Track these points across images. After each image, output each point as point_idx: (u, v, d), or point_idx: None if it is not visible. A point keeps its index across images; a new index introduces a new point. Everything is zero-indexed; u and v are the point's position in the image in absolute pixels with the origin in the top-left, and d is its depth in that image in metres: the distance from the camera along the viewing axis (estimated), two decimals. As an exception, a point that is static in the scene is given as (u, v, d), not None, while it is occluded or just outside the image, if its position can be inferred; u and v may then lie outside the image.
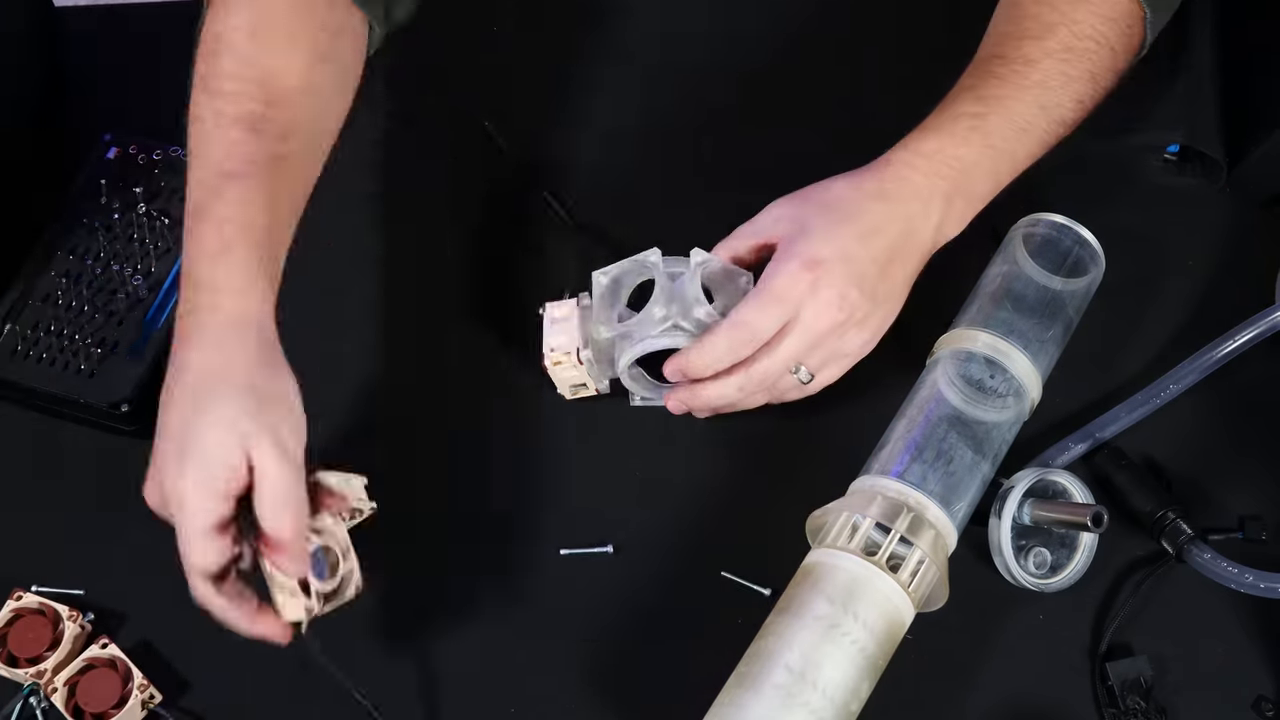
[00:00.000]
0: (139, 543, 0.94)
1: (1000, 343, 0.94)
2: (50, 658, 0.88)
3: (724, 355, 0.90)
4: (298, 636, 0.83)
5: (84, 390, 0.96)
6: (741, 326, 0.89)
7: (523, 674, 0.91)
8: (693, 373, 0.91)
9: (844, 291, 0.89)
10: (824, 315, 0.89)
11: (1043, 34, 0.95)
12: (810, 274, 0.89)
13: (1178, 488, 0.96)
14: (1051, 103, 0.95)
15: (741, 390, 0.91)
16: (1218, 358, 0.96)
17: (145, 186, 1.02)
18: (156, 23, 1.17)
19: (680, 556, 0.95)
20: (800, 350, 0.90)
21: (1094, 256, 0.99)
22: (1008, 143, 0.93)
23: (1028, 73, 0.95)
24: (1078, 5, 0.96)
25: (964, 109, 0.94)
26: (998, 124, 0.93)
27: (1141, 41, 0.99)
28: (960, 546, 0.90)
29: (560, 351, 0.94)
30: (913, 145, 0.93)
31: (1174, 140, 1.07)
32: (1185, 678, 0.91)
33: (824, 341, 0.91)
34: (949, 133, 0.93)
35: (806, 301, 0.89)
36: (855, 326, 0.91)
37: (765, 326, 0.89)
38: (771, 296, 0.89)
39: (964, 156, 0.93)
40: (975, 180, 0.93)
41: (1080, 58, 0.95)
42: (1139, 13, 0.98)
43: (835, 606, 0.84)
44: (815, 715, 0.81)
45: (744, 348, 0.90)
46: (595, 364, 0.95)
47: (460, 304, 1.03)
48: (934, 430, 0.91)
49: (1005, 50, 0.96)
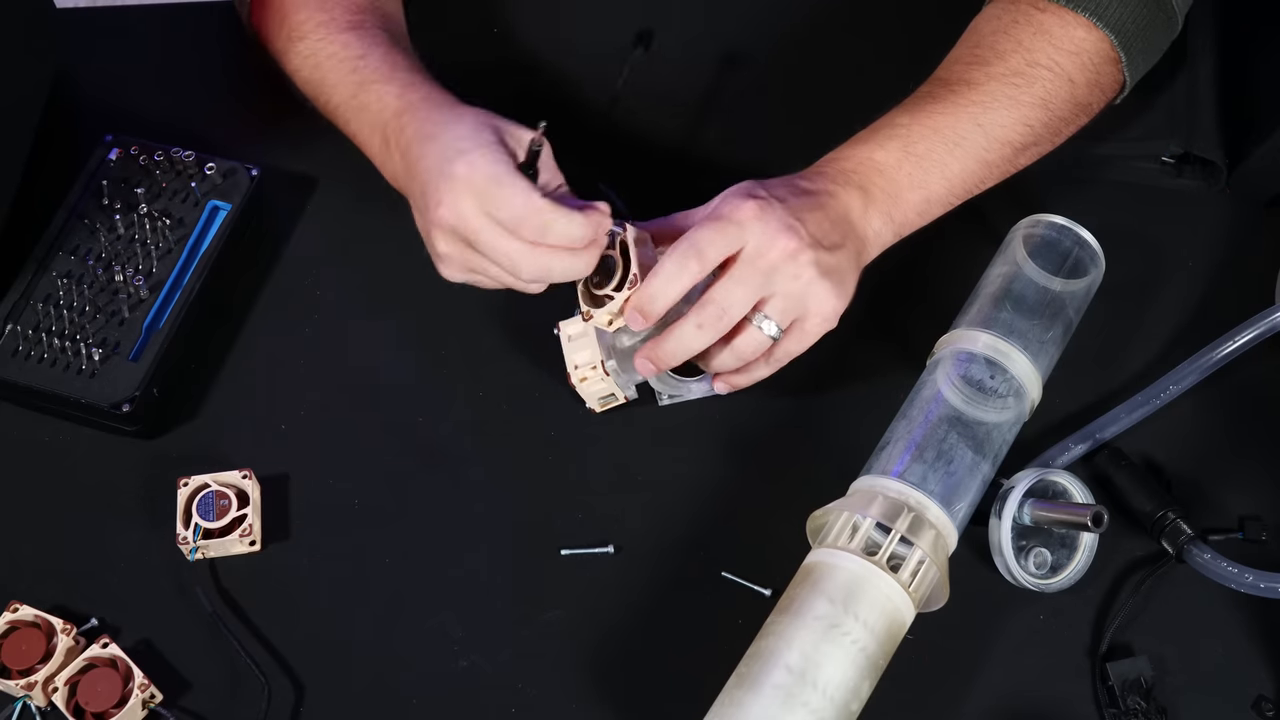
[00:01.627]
0: (140, 542, 0.95)
1: (1001, 343, 0.94)
2: (42, 670, 0.88)
3: (674, 276, 0.88)
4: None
5: (84, 390, 0.96)
6: (687, 245, 0.88)
7: (523, 674, 0.91)
8: (646, 304, 0.89)
9: (791, 221, 0.89)
10: (776, 241, 0.88)
11: (991, 59, 0.96)
12: (755, 201, 0.89)
13: (1178, 488, 0.96)
14: (991, 122, 0.95)
15: (700, 329, 0.89)
16: (1218, 358, 0.96)
17: (146, 187, 1.02)
18: (156, 23, 1.17)
19: (680, 556, 0.95)
20: (758, 286, 0.89)
21: (1094, 257, 0.99)
22: (934, 152, 0.94)
23: (966, 92, 0.95)
24: (1036, 37, 0.97)
25: (891, 121, 0.95)
26: (921, 133, 0.94)
27: (1120, 84, 1.00)
28: (960, 546, 0.90)
29: (586, 367, 0.95)
30: (834, 153, 0.95)
31: (1174, 144, 1.07)
32: (1185, 678, 0.91)
33: (778, 274, 0.89)
34: (867, 140, 0.95)
35: (753, 225, 0.88)
36: (815, 273, 0.89)
37: (710, 244, 0.88)
38: (714, 216, 0.89)
39: (879, 159, 0.94)
40: (898, 183, 0.93)
41: (1030, 83, 0.96)
42: (1110, 54, 0.98)
43: (836, 606, 0.84)
44: (815, 715, 0.81)
45: (693, 263, 0.88)
46: (620, 372, 0.95)
47: (460, 306, 1.03)
48: (934, 430, 0.91)
49: (950, 75, 0.97)
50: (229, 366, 1.01)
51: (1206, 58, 1.10)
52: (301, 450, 0.98)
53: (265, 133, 1.09)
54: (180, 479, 0.94)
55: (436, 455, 0.98)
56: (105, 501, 0.96)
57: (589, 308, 0.92)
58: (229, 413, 0.99)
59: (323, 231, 1.06)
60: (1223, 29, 1.11)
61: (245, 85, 1.13)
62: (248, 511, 0.93)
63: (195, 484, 0.93)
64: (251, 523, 0.93)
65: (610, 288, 0.90)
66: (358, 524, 0.96)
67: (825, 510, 0.89)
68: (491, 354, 1.02)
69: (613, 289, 0.90)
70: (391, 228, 1.04)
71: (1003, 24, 0.98)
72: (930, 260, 1.03)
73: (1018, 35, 0.97)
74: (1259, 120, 1.06)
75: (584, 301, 0.92)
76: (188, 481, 0.93)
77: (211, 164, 1.04)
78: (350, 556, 0.95)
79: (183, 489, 0.93)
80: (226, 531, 0.92)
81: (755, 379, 0.95)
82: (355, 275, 1.05)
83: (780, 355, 0.93)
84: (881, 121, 0.96)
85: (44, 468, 0.98)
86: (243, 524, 0.93)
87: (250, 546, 0.93)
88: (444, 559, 0.95)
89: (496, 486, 0.97)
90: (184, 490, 0.93)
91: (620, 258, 0.90)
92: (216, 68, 1.15)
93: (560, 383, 1.00)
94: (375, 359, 1.02)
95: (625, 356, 0.95)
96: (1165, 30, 1.01)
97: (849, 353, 0.98)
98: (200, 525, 0.92)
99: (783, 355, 0.93)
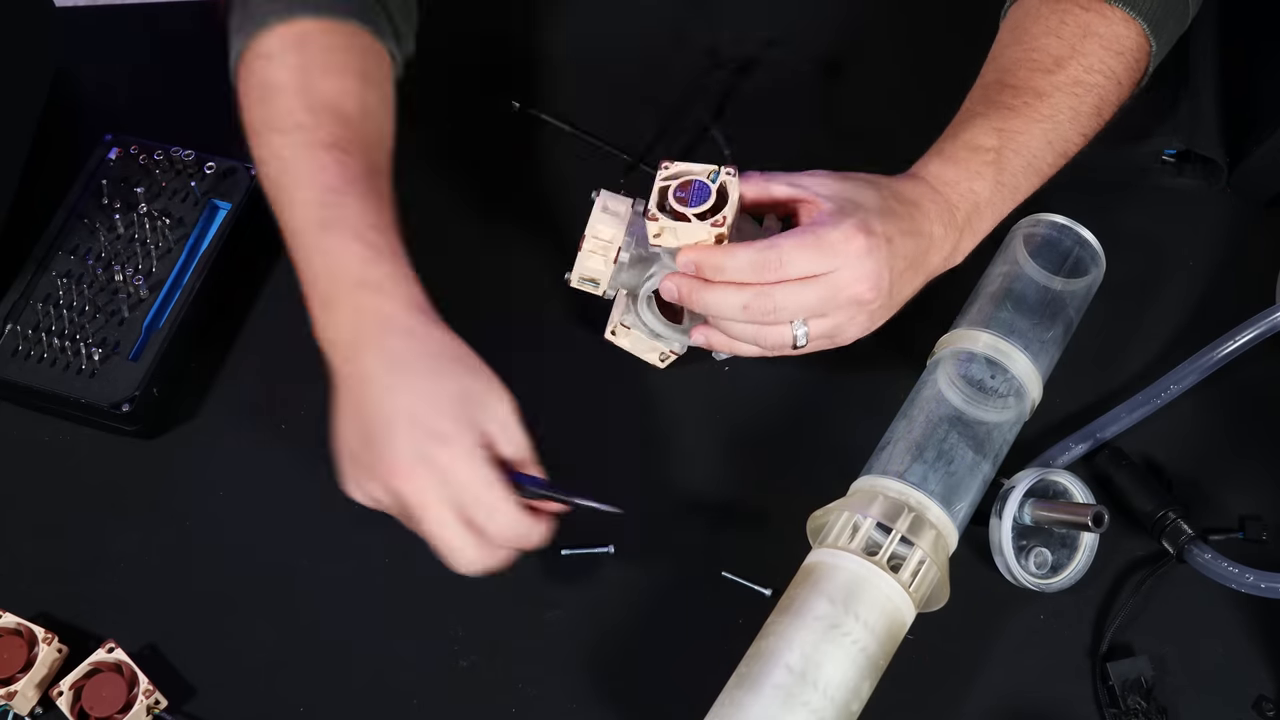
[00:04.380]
0: (142, 544, 0.95)
1: (1001, 343, 0.94)
2: (22, 679, 0.88)
3: (743, 268, 0.87)
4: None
5: (84, 390, 0.96)
6: (775, 253, 0.87)
7: (523, 674, 0.91)
8: (706, 266, 0.88)
9: (883, 271, 0.88)
10: (859, 283, 0.87)
11: (1052, 67, 0.95)
12: (866, 239, 0.87)
13: (1178, 488, 0.96)
14: (1059, 138, 0.95)
15: (745, 310, 0.88)
16: (1218, 358, 0.96)
17: (146, 187, 1.02)
18: (156, 23, 1.17)
19: (680, 556, 0.95)
20: (818, 305, 0.88)
21: (1094, 257, 0.99)
22: (1015, 178, 0.93)
23: (1038, 106, 0.94)
24: (1086, 38, 0.96)
25: (980, 141, 0.93)
26: (1010, 160, 0.93)
27: (1144, 72, 0.99)
28: (961, 546, 0.90)
29: (601, 242, 0.93)
30: (935, 170, 0.93)
31: (1175, 143, 1.07)
32: (1186, 678, 0.91)
33: (841, 309, 0.89)
34: (965, 165, 0.93)
35: (850, 263, 0.87)
36: (865, 314, 0.90)
37: (798, 264, 0.87)
38: (820, 240, 0.87)
39: (979, 191, 0.92)
40: (985, 216, 0.93)
41: (1089, 92, 0.95)
42: (1146, 46, 0.97)
43: (836, 606, 0.84)
44: (816, 715, 0.81)
45: (766, 272, 0.87)
46: (625, 268, 0.94)
47: (460, 305, 1.03)
48: (935, 430, 0.91)
49: (1014, 80, 0.96)
50: (229, 366, 1.01)
51: (1208, 56, 1.09)
52: (302, 450, 0.98)
53: (265, 132, 1.09)
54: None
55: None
56: (105, 501, 0.96)
57: (656, 210, 0.89)
58: (229, 413, 0.99)
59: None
60: (1224, 28, 1.11)
61: (245, 85, 1.13)
62: None
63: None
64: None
65: (694, 211, 0.88)
66: (358, 524, 0.95)
67: (825, 510, 0.89)
68: (491, 354, 1.02)
69: (695, 214, 0.88)
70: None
71: (1050, 25, 0.96)
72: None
73: (1069, 38, 0.96)
74: (1260, 119, 1.06)
75: (654, 201, 0.89)
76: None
77: (211, 163, 1.04)
78: (350, 556, 0.95)
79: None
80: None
81: (735, 351, 0.94)
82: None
83: (777, 351, 0.92)
84: (971, 135, 0.94)
85: (44, 468, 0.98)
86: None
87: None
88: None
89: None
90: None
91: (715, 193, 0.89)
92: (217, 67, 1.14)
93: (561, 382, 1.00)
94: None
95: (640, 259, 0.94)
96: (1180, 22, 1.00)
97: (849, 353, 0.98)
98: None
99: (777, 352, 0.92)
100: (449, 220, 1.07)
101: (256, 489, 0.97)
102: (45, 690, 0.89)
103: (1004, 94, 0.95)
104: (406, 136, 0.95)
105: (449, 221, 1.07)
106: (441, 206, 1.08)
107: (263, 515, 0.96)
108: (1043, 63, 0.95)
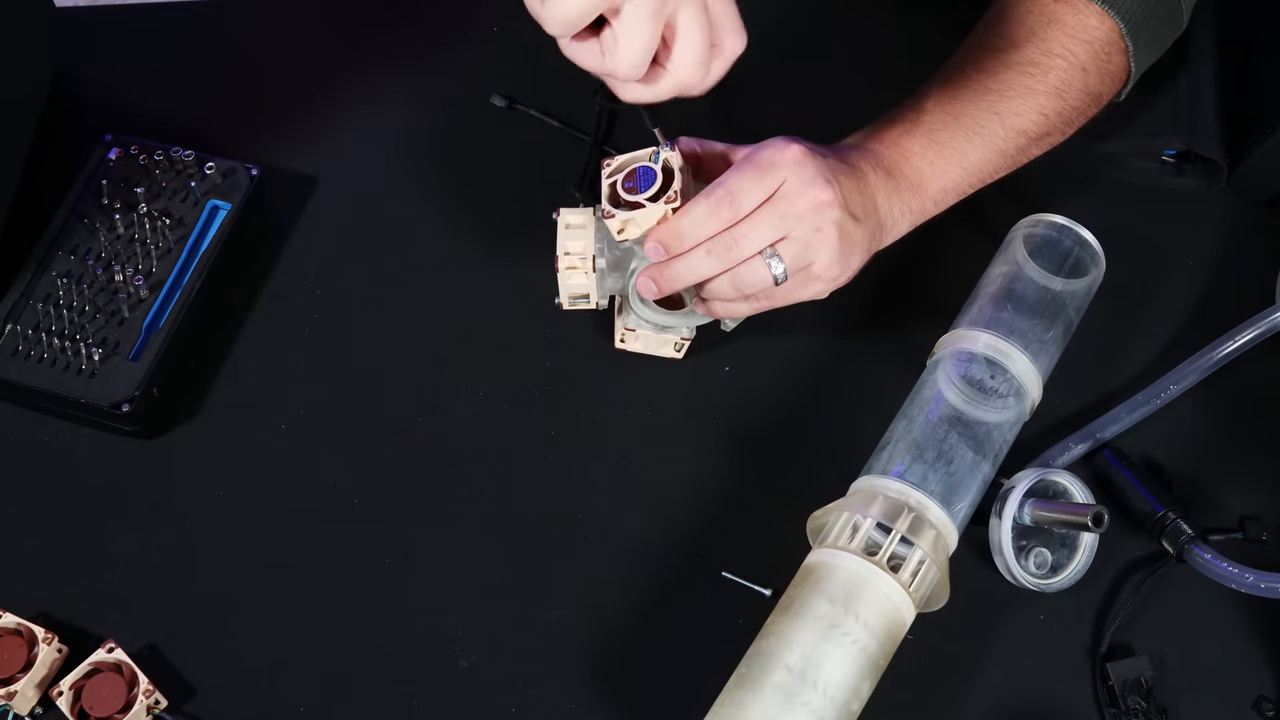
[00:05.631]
0: (142, 545, 0.95)
1: (1001, 343, 0.94)
2: (22, 679, 0.88)
3: (701, 218, 0.88)
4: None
5: (84, 390, 0.96)
6: (722, 189, 0.88)
7: (523, 674, 0.91)
8: (671, 241, 0.89)
9: (830, 177, 0.89)
10: (809, 188, 0.88)
11: (1007, 49, 0.97)
12: (799, 146, 0.89)
13: (1178, 488, 0.96)
14: (1008, 110, 0.95)
15: (710, 257, 0.89)
16: (1218, 358, 0.96)
17: (146, 187, 1.02)
18: (156, 23, 1.17)
19: (680, 556, 0.95)
20: (779, 224, 0.88)
21: (1094, 257, 0.99)
22: (955, 140, 0.94)
23: (985, 80, 0.96)
24: (1050, 25, 0.97)
25: (913, 106, 0.96)
26: (943, 121, 0.94)
27: (1126, 74, 1.00)
28: (961, 546, 0.90)
29: (576, 257, 0.94)
30: (863, 133, 0.95)
31: (1175, 143, 1.07)
32: (1185, 678, 0.91)
33: (802, 221, 0.88)
34: (894, 124, 0.95)
35: (794, 171, 0.88)
36: (835, 231, 0.89)
37: (747, 191, 0.88)
38: (757, 160, 0.89)
39: (906, 145, 0.94)
40: (921, 171, 0.94)
41: (1045, 72, 0.96)
42: (1119, 43, 0.98)
43: (836, 606, 0.84)
44: (816, 715, 0.81)
45: (722, 210, 0.88)
46: (607, 274, 0.95)
47: (460, 305, 1.03)
48: (935, 430, 0.91)
49: (966, 63, 0.98)
50: (229, 366, 1.01)
51: (1208, 56, 1.10)
52: (302, 450, 0.98)
53: (265, 132, 1.09)
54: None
55: (436, 455, 0.98)
56: (105, 501, 0.96)
57: (610, 207, 0.90)
58: (229, 413, 0.99)
59: (323, 231, 1.06)
60: (1224, 27, 1.11)
61: (245, 85, 1.13)
62: None
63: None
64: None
65: (644, 196, 0.89)
66: (358, 524, 0.96)
67: (825, 510, 0.89)
68: (491, 353, 1.02)
69: (647, 198, 0.89)
70: (391, 227, 1.05)
71: (1017, 13, 0.98)
72: (930, 260, 1.03)
73: (1032, 24, 0.97)
74: (1260, 119, 1.06)
75: (607, 200, 0.91)
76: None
77: (211, 163, 1.03)
78: (350, 556, 0.95)
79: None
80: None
81: (733, 313, 0.95)
82: (355, 275, 1.05)
83: (764, 297, 0.92)
84: (906, 106, 0.96)
85: (44, 468, 0.98)
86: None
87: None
88: (444, 559, 0.95)
89: (497, 486, 0.97)
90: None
91: (661, 173, 0.90)
92: (216, 67, 1.14)
93: (561, 382, 1.00)
94: (375, 359, 1.02)
95: (618, 260, 0.95)
96: (1170, 25, 1.01)
97: (849, 353, 0.99)
98: None
99: (766, 298, 0.92)
100: (448, 221, 1.07)
101: (256, 489, 0.97)
102: (45, 690, 0.89)
103: (952, 72, 0.97)
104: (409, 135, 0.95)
105: (448, 222, 1.07)
106: (443, 205, 1.08)
107: (263, 515, 0.96)
108: (998, 45, 0.97)
